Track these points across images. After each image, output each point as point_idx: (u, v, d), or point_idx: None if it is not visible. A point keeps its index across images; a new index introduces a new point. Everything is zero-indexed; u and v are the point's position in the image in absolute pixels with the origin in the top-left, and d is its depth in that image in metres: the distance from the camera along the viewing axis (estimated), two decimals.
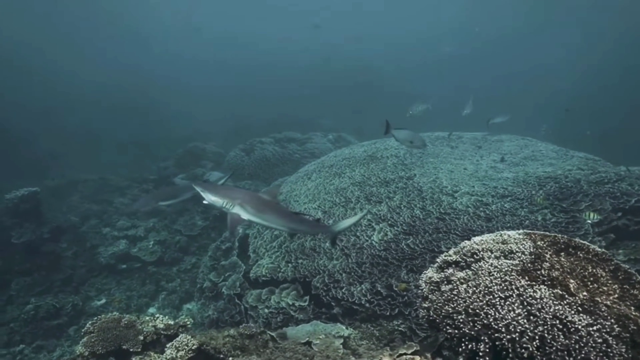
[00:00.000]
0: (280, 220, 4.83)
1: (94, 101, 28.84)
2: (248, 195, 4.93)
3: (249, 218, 4.70)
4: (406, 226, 6.14)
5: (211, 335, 3.71)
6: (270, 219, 4.81)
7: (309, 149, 13.65)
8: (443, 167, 7.91)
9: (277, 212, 4.85)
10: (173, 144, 16.91)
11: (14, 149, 18.23)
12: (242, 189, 6.17)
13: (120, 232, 9.47)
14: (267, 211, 4.78)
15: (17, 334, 7.25)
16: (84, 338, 3.68)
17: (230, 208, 4.64)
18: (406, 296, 5.04)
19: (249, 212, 4.67)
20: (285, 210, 5.06)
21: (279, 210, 4.93)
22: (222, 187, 6.35)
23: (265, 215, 4.76)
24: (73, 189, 13.36)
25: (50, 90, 29.61)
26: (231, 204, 4.64)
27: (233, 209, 4.64)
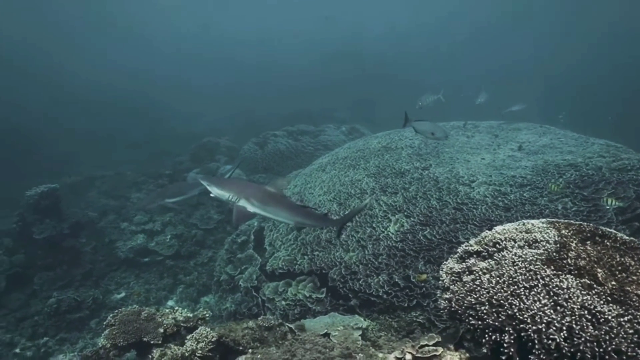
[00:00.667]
0: (286, 213, 4.80)
1: (108, 102, 29.26)
2: (254, 188, 4.92)
3: (254, 211, 4.69)
4: (423, 217, 6.08)
5: (230, 327, 3.72)
6: (277, 212, 4.78)
7: (322, 141, 13.60)
8: (459, 157, 7.79)
9: (284, 205, 4.82)
10: (186, 140, 17.01)
11: (32, 148, 18.61)
12: (248, 182, 6.17)
13: (138, 227, 9.58)
14: (273, 204, 4.75)
15: (41, 326, 7.42)
16: (106, 330, 3.74)
17: (236, 201, 4.63)
18: (424, 287, 5.00)
19: (255, 205, 4.66)
20: (292, 203, 5.01)
21: (286, 203, 4.88)
22: (228, 180, 6.35)
23: (271, 208, 4.74)
24: (90, 185, 13.58)
25: (66, 92, 30.17)
26: (237, 197, 4.63)
27: (239, 202, 4.63)
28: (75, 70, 38.31)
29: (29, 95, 29.54)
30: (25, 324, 7.51)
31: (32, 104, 27.40)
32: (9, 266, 8.35)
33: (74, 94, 29.77)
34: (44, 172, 14.28)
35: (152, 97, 31.73)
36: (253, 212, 4.70)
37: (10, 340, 7.10)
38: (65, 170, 15.75)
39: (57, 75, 35.98)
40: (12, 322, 7.55)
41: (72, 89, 30.65)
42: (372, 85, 30.31)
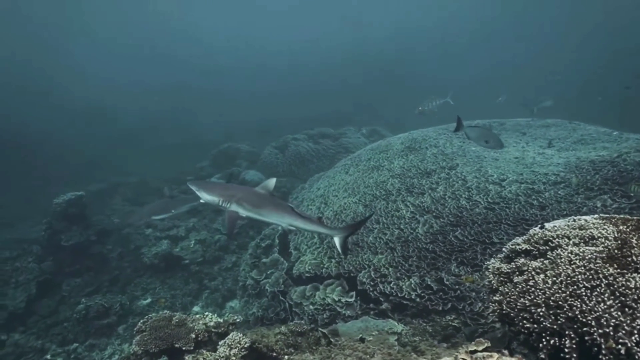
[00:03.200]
0: (278, 215, 4.67)
1: (129, 111, 29.95)
2: (244, 192, 4.82)
3: (247, 214, 4.61)
4: (453, 217, 5.90)
5: (262, 332, 3.63)
6: (269, 215, 4.68)
7: (343, 144, 13.49)
8: (487, 155, 7.58)
9: (276, 207, 4.69)
10: (207, 146, 17.13)
11: (59, 156, 19.05)
12: (237, 185, 6.08)
13: (162, 233, 9.62)
14: (266, 206, 4.64)
15: (71, 333, 7.48)
16: (137, 337, 3.69)
17: (227, 206, 4.53)
18: (459, 290, 4.82)
19: (247, 208, 4.57)
20: (284, 205, 4.83)
21: (278, 205, 4.75)
22: (218, 184, 6.20)
23: (264, 211, 4.64)
24: (114, 192, 13.78)
25: (92, 105, 31.03)
26: (228, 201, 4.53)
27: (230, 207, 4.53)
28: (103, 85, 39.61)
29: (55, 106, 30.47)
30: (55, 330, 7.60)
31: (57, 114, 28.23)
32: (39, 273, 8.47)
33: (101, 107, 30.62)
34: (71, 180, 14.55)
35: (173, 105, 32.31)
36: (246, 215, 4.61)
37: (41, 347, 7.18)
38: (91, 177, 16.04)
39: (85, 87, 37.17)
40: (43, 328, 7.63)
41: (100, 103, 31.56)
42: (389, 86, 30.12)
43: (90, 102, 30.37)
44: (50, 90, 33.60)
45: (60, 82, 36.43)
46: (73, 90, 33.18)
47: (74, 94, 32.06)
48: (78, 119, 27.13)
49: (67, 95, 32.38)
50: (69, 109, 28.68)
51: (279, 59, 50.31)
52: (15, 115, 25.30)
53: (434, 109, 10.23)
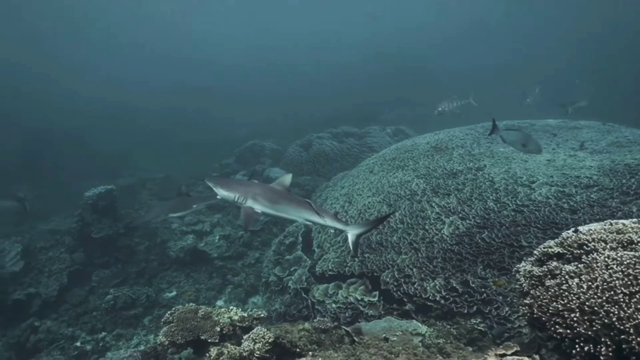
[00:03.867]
0: (294, 210, 4.72)
1: (159, 109, 30.81)
2: (260, 188, 4.87)
3: (263, 210, 4.65)
4: (479, 219, 5.79)
5: (286, 328, 3.66)
6: (285, 210, 4.73)
7: (367, 143, 13.43)
8: (515, 157, 7.40)
9: (292, 203, 4.74)
10: (232, 144, 17.35)
11: (89, 152, 19.71)
12: (253, 182, 6.13)
13: (188, 227, 9.79)
14: (281, 202, 4.69)
15: (99, 322, 7.71)
16: (164, 327, 3.77)
17: (243, 202, 4.59)
18: (485, 293, 4.73)
19: (263, 204, 4.62)
20: (300, 201, 4.87)
21: (294, 201, 4.80)
22: (234, 181, 6.26)
23: (280, 207, 4.69)
24: (142, 187, 14.12)
25: (121, 102, 32.13)
26: (244, 197, 4.60)
27: (246, 203, 4.58)
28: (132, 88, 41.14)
29: (88, 101, 31.69)
30: (84, 319, 7.85)
31: (89, 109, 29.29)
32: (70, 263, 8.78)
33: (129, 107, 31.68)
34: (100, 175, 14.98)
35: (199, 104, 33.02)
36: (261, 211, 4.66)
37: (72, 334, 7.44)
38: (119, 173, 16.51)
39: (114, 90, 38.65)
40: (73, 317, 7.90)
41: (128, 103, 32.68)
42: (414, 85, 29.79)
43: (120, 103, 31.48)
44: (76, 93, 34.89)
45: (89, 86, 37.94)
46: (104, 95, 34.43)
47: (105, 98, 33.25)
48: (108, 118, 28.02)
49: (96, 97, 33.60)
50: (99, 109, 29.71)
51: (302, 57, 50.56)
52: (48, 114, 26.32)
53: (455, 110, 10.07)
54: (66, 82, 38.36)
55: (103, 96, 33.11)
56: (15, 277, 8.32)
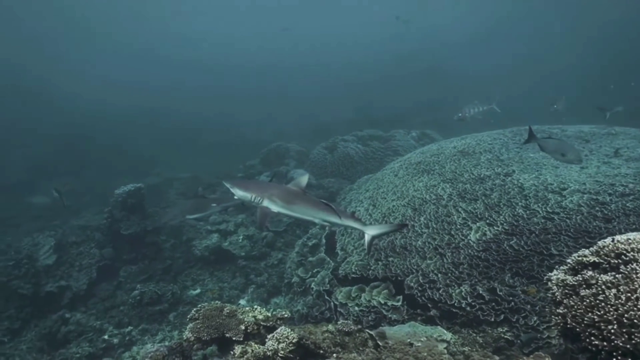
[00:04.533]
0: (310, 211, 4.76)
1: (187, 112, 31.72)
2: (276, 188, 4.94)
3: (278, 210, 4.73)
4: (508, 226, 5.66)
5: (309, 329, 3.66)
6: (301, 210, 4.77)
7: (392, 146, 13.34)
8: (546, 163, 7.21)
9: (307, 203, 4.78)
10: (257, 145, 17.56)
11: (120, 151, 20.35)
12: (270, 183, 6.20)
13: (213, 227, 9.95)
14: (297, 202, 4.74)
15: (126, 316, 7.91)
16: (190, 324, 3.84)
17: (259, 202, 4.68)
18: (513, 301, 4.62)
19: (279, 204, 4.70)
20: (316, 201, 4.90)
21: (309, 201, 4.83)
22: (251, 181, 6.37)
23: (295, 207, 4.74)
24: (169, 186, 14.43)
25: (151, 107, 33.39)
26: (260, 197, 4.70)
27: (262, 203, 4.68)
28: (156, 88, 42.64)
29: (118, 107, 33.02)
30: (112, 313, 8.06)
31: (119, 113, 30.42)
32: (100, 258, 9.05)
33: (155, 108, 32.85)
34: (130, 173, 15.42)
35: (223, 107, 33.75)
36: (277, 211, 4.73)
37: (100, 327, 7.65)
38: (148, 172, 16.96)
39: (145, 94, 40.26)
40: (102, 310, 8.13)
41: (156, 105, 33.92)
42: (441, 88, 29.50)
43: (148, 108, 32.66)
44: (105, 100, 36.38)
45: (119, 92, 39.81)
46: (132, 101, 35.88)
47: (133, 104, 34.63)
48: (137, 121, 29.00)
49: (125, 104, 35.00)
50: (128, 114, 30.87)
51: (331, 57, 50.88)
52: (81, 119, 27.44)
53: (477, 116, 9.87)
54: (96, 91, 40.48)
55: (132, 103, 34.54)
56: (48, 270, 8.64)
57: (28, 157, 19.48)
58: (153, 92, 41.64)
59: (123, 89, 41.89)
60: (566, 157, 5.58)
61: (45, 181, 14.76)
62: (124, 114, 30.06)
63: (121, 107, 33.11)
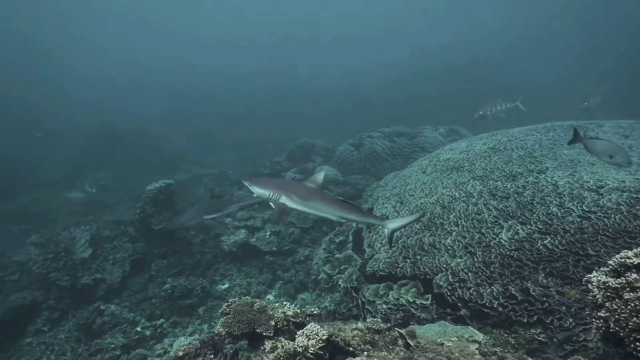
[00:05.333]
0: (327, 207, 4.80)
1: (214, 113, 32.51)
2: (294, 185, 5.13)
3: (295, 207, 4.82)
4: (541, 224, 5.50)
5: (339, 326, 3.68)
6: (317, 207, 4.82)
7: (419, 142, 13.16)
8: (581, 159, 6.97)
9: (324, 200, 4.82)
10: (284, 142, 17.69)
11: (151, 148, 20.92)
12: (287, 180, 6.29)
13: (241, 222, 10.09)
14: (314, 199, 4.80)
15: (158, 309, 8.13)
16: (222, 318, 3.91)
17: (277, 198, 4.79)
18: (547, 302, 4.50)
19: (295, 201, 4.79)
20: (333, 198, 4.95)
21: (326, 198, 4.87)
22: (268, 178, 6.53)
23: (312, 203, 4.80)
24: (198, 182, 14.71)
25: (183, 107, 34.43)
26: (277, 194, 4.80)
27: (280, 199, 4.78)
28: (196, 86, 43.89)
29: (151, 108, 34.33)
30: (144, 305, 8.31)
31: (151, 113, 31.53)
32: (133, 252, 9.33)
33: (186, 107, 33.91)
34: (160, 169, 15.82)
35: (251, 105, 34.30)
36: (294, 207, 4.82)
37: (133, 319, 7.89)
38: (177, 168, 17.36)
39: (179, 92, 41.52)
40: (134, 303, 8.39)
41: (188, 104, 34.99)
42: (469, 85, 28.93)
43: (179, 107, 33.63)
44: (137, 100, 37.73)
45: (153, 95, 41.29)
46: (164, 102, 37.05)
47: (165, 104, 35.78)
48: (168, 119, 29.85)
49: (158, 105, 36.17)
50: (160, 113, 31.89)
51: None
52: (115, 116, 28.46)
53: (499, 114, 9.61)
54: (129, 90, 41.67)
55: (164, 105, 35.60)
56: (84, 263, 8.96)
57: (66, 154, 20.32)
58: (184, 95, 42.85)
59: (156, 92, 43.41)
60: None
61: (82, 177, 15.31)
62: (156, 114, 31.07)
63: (153, 108, 34.24)
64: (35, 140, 18.21)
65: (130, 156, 19.77)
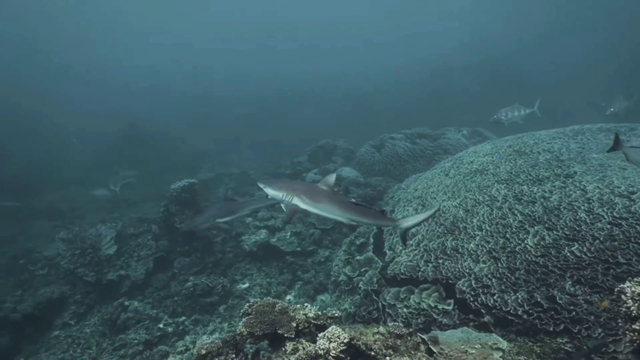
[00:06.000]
0: (337, 210, 4.88)
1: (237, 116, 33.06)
2: (305, 186, 5.25)
3: (306, 208, 4.94)
4: (569, 230, 5.35)
5: (360, 330, 3.65)
6: (327, 209, 4.91)
7: (441, 144, 13.00)
8: (612, 164, 6.75)
9: (335, 202, 4.89)
10: (306, 142, 17.76)
11: (174, 148, 21.35)
12: (300, 182, 6.41)
13: (261, 222, 10.18)
14: (324, 201, 4.89)
15: (180, 306, 8.26)
16: (244, 318, 3.93)
17: (289, 199, 4.93)
18: (574, 311, 4.37)
19: (306, 202, 4.91)
20: (344, 200, 5.01)
21: (337, 200, 4.94)
22: (282, 180, 6.75)
23: (322, 205, 4.90)
24: (219, 181, 14.90)
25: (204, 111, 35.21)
26: (290, 195, 4.95)
27: (292, 200, 4.92)
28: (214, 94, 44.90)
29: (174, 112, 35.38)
30: (167, 302, 8.45)
31: (176, 114, 32.42)
32: (156, 250, 9.52)
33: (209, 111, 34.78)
34: (183, 169, 16.10)
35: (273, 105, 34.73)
36: (305, 208, 4.94)
37: (155, 315, 8.05)
38: (200, 167, 17.64)
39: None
40: (157, 300, 8.55)
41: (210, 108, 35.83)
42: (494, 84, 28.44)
43: (203, 113, 34.41)
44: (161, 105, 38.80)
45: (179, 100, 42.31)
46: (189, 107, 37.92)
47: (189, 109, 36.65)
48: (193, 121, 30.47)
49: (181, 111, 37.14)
50: (186, 115, 32.74)
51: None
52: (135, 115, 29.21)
53: (516, 120, 9.46)
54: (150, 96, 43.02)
55: (185, 109, 36.65)
56: (110, 260, 9.19)
57: (91, 156, 20.94)
58: (204, 98, 43.80)
59: (177, 97, 44.60)
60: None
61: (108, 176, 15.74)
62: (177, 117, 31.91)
63: (174, 111, 35.21)
64: (71, 145, 18.97)
65: (153, 156, 20.22)
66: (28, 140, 21.52)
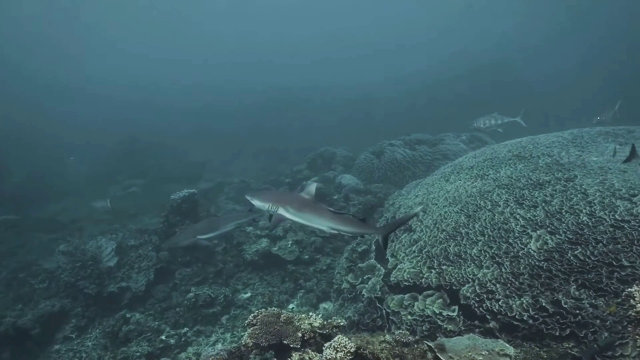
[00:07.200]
0: (318, 218, 5.06)
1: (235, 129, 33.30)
2: (289, 197, 5.56)
3: (290, 217, 5.16)
4: (571, 234, 5.35)
5: (366, 339, 3.64)
6: (310, 218, 5.11)
7: (441, 150, 13.03)
8: (612, 167, 6.78)
9: (317, 212, 5.09)
10: (303, 150, 17.80)
11: (173, 158, 21.36)
12: (284, 192, 6.65)
13: (262, 231, 10.15)
14: (307, 210, 5.10)
15: (182, 317, 8.18)
16: (249, 329, 3.91)
17: (275, 210, 5.16)
18: (579, 315, 4.36)
19: (291, 212, 5.15)
20: (324, 209, 5.17)
21: (319, 210, 5.12)
22: (267, 192, 7.04)
23: (304, 215, 5.11)
24: (219, 191, 14.89)
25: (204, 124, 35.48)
26: (275, 206, 5.18)
27: (277, 211, 5.15)
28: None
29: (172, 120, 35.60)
30: (168, 314, 8.37)
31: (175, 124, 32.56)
32: (157, 261, 9.47)
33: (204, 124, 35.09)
34: (183, 179, 16.10)
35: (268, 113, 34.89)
36: (289, 218, 5.17)
37: (157, 327, 7.96)
38: (199, 177, 17.64)
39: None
40: (159, 311, 8.47)
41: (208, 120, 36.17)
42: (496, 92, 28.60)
43: (200, 124, 34.62)
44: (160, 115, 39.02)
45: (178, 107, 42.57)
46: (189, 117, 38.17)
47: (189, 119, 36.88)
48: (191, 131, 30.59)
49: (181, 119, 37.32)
50: (184, 124, 32.89)
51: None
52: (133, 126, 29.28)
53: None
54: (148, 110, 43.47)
55: (184, 120, 36.96)
56: (110, 272, 9.14)
57: (90, 167, 20.96)
58: (201, 111, 44.20)
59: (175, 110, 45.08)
60: None
61: (110, 187, 15.74)
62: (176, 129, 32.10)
63: (172, 124, 35.44)
64: (69, 163, 19.16)
65: (154, 167, 20.22)
66: (26, 155, 21.52)
